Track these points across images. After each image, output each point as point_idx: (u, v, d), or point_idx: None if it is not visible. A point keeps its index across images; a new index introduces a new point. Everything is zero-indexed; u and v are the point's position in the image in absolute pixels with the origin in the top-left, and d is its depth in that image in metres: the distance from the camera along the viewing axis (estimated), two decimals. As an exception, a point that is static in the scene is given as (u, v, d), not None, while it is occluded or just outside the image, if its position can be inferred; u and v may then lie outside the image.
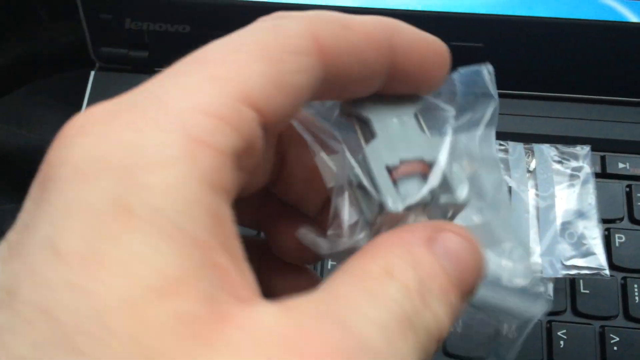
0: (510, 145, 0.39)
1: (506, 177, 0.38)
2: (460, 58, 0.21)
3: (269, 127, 0.15)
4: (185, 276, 0.12)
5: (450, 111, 0.19)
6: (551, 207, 0.37)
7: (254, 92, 0.14)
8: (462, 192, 0.17)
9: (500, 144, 0.39)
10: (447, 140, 0.18)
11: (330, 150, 0.19)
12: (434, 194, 0.17)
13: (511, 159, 0.39)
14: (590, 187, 0.37)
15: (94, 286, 0.11)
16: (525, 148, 0.39)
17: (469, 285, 0.15)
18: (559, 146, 0.39)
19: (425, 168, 0.18)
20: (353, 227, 0.18)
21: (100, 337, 0.11)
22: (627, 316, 0.34)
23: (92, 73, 0.44)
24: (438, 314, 0.14)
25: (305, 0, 0.40)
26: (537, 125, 0.41)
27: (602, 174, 0.39)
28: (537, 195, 0.38)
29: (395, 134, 0.19)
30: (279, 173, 0.21)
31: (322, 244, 0.19)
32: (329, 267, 0.36)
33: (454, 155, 0.18)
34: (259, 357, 0.12)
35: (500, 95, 0.41)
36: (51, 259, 0.12)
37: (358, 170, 0.18)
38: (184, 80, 0.14)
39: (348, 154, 0.18)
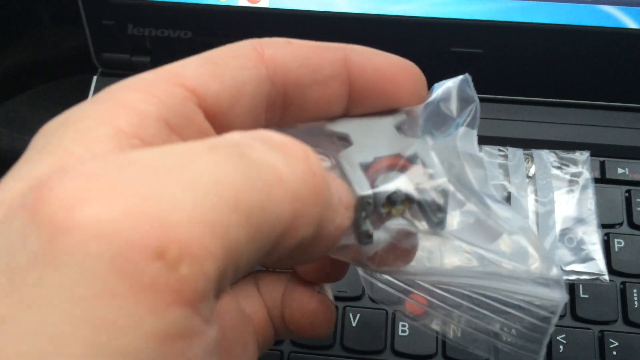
0: (510, 150, 0.40)
1: (505, 183, 0.38)
2: (460, 64, 0.21)
3: (211, 109, 0.17)
4: None
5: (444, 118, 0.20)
6: (550, 212, 0.37)
7: (189, 78, 0.17)
8: (439, 173, 0.18)
9: (500, 150, 0.40)
10: (426, 139, 0.19)
11: None
12: (414, 185, 0.18)
13: (510, 164, 0.39)
14: (590, 193, 0.38)
15: None
16: (524, 154, 0.39)
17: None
18: (558, 152, 0.39)
19: (404, 163, 0.18)
20: None
21: None
22: (627, 321, 0.34)
23: (95, 78, 0.44)
24: (263, 151, 0.14)
25: (304, 6, 0.40)
26: (536, 130, 0.41)
27: (601, 179, 0.39)
28: (536, 200, 0.38)
29: (371, 140, 0.19)
30: None
31: None
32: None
33: (436, 153, 0.18)
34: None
35: (500, 101, 0.42)
36: None
37: (334, 173, 0.18)
38: (139, 75, 0.17)
39: (326, 162, 0.19)
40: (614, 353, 0.33)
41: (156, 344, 0.12)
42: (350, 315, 0.35)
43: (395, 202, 0.18)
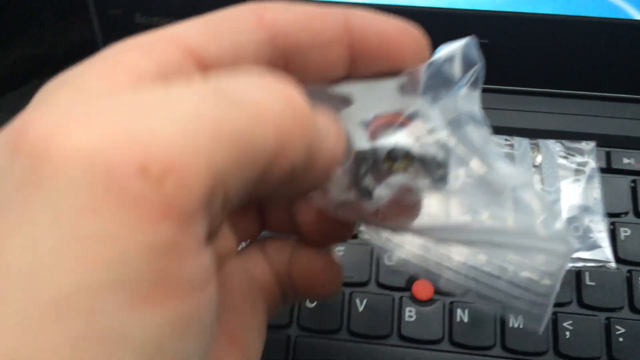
0: (516, 140, 0.40)
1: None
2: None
3: (210, 71, 0.17)
4: None
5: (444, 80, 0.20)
6: (557, 201, 0.37)
7: (189, 39, 0.17)
8: (440, 129, 0.18)
9: (506, 139, 0.40)
10: (426, 98, 0.19)
11: None
12: (415, 141, 0.18)
13: (517, 154, 0.39)
14: (596, 182, 0.38)
15: None
16: (531, 143, 0.40)
17: None
18: (565, 142, 0.39)
19: (405, 120, 0.18)
20: (342, 182, 0.18)
21: None
22: (633, 308, 0.34)
23: (102, 67, 0.44)
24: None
25: (314, -5, 0.40)
26: (543, 121, 0.41)
27: (607, 169, 0.39)
28: (543, 189, 0.38)
29: (373, 100, 0.19)
30: None
31: (317, 199, 0.19)
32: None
33: (438, 111, 0.18)
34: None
35: (506, 92, 0.42)
36: None
37: None
38: (139, 36, 0.17)
39: None
40: (620, 340, 0.33)
41: (147, 256, 0.12)
42: (357, 300, 0.35)
43: (396, 158, 0.18)
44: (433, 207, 0.20)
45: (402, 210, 0.19)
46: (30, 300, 0.11)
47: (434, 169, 0.18)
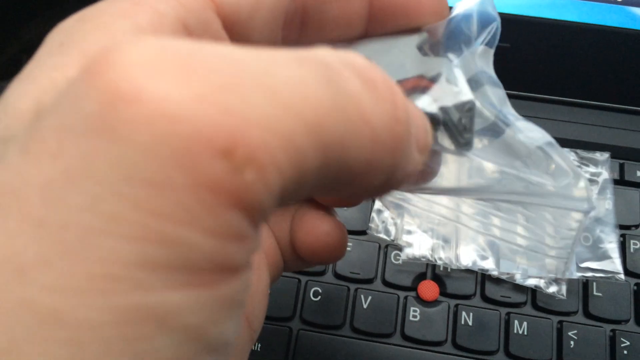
0: (530, 146, 0.39)
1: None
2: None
3: (229, 19, 0.17)
4: None
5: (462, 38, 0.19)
6: (568, 210, 0.37)
7: None
8: (465, 92, 0.17)
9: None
10: (448, 58, 0.18)
11: None
12: (438, 106, 0.17)
13: (530, 160, 0.39)
14: (608, 193, 0.37)
15: None
16: (544, 150, 0.39)
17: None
18: (579, 151, 0.39)
19: (427, 84, 0.18)
20: None
21: None
22: (639, 322, 0.34)
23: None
24: (349, 78, 0.13)
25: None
26: (558, 129, 0.41)
27: (620, 181, 0.39)
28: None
29: (393, 62, 0.19)
30: None
31: None
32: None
33: (460, 71, 0.18)
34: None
35: (523, 98, 0.42)
36: None
37: None
38: None
39: None
40: (625, 352, 0.33)
41: (210, 241, 0.11)
42: (362, 297, 0.34)
43: None
44: (454, 170, 0.19)
45: (423, 174, 0.19)
46: (83, 263, 0.10)
47: (459, 133, 0.17)
